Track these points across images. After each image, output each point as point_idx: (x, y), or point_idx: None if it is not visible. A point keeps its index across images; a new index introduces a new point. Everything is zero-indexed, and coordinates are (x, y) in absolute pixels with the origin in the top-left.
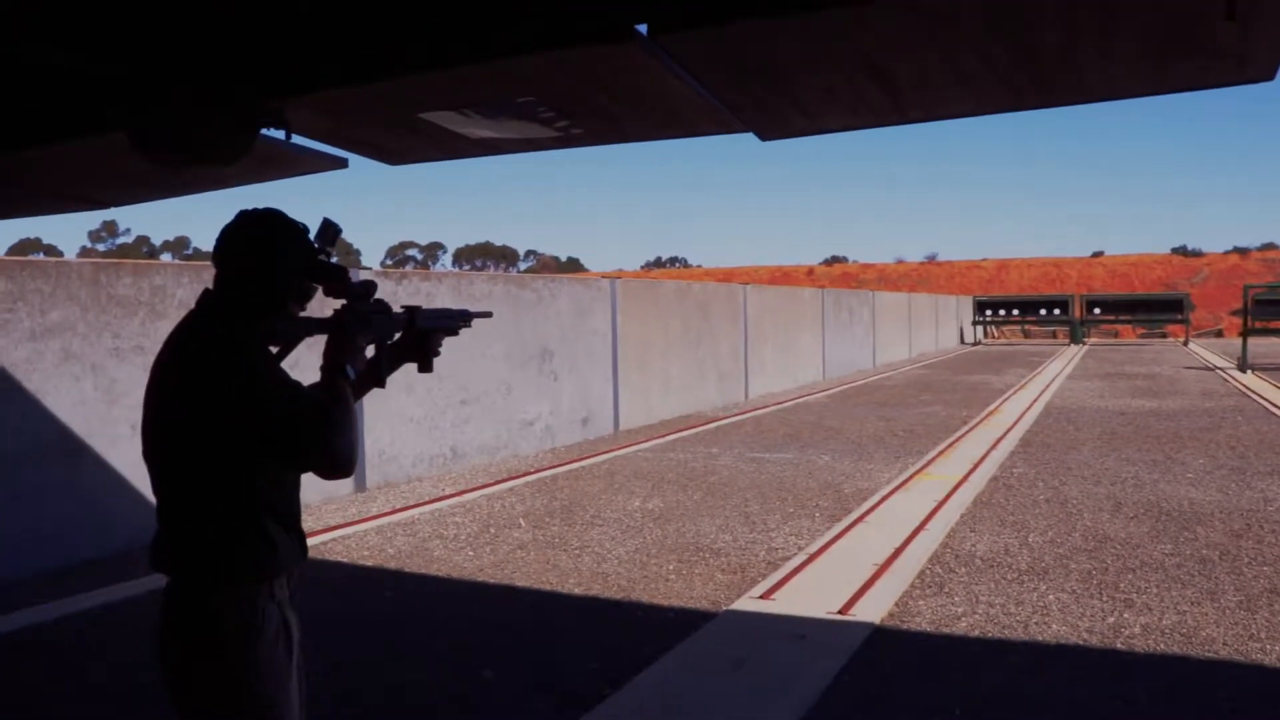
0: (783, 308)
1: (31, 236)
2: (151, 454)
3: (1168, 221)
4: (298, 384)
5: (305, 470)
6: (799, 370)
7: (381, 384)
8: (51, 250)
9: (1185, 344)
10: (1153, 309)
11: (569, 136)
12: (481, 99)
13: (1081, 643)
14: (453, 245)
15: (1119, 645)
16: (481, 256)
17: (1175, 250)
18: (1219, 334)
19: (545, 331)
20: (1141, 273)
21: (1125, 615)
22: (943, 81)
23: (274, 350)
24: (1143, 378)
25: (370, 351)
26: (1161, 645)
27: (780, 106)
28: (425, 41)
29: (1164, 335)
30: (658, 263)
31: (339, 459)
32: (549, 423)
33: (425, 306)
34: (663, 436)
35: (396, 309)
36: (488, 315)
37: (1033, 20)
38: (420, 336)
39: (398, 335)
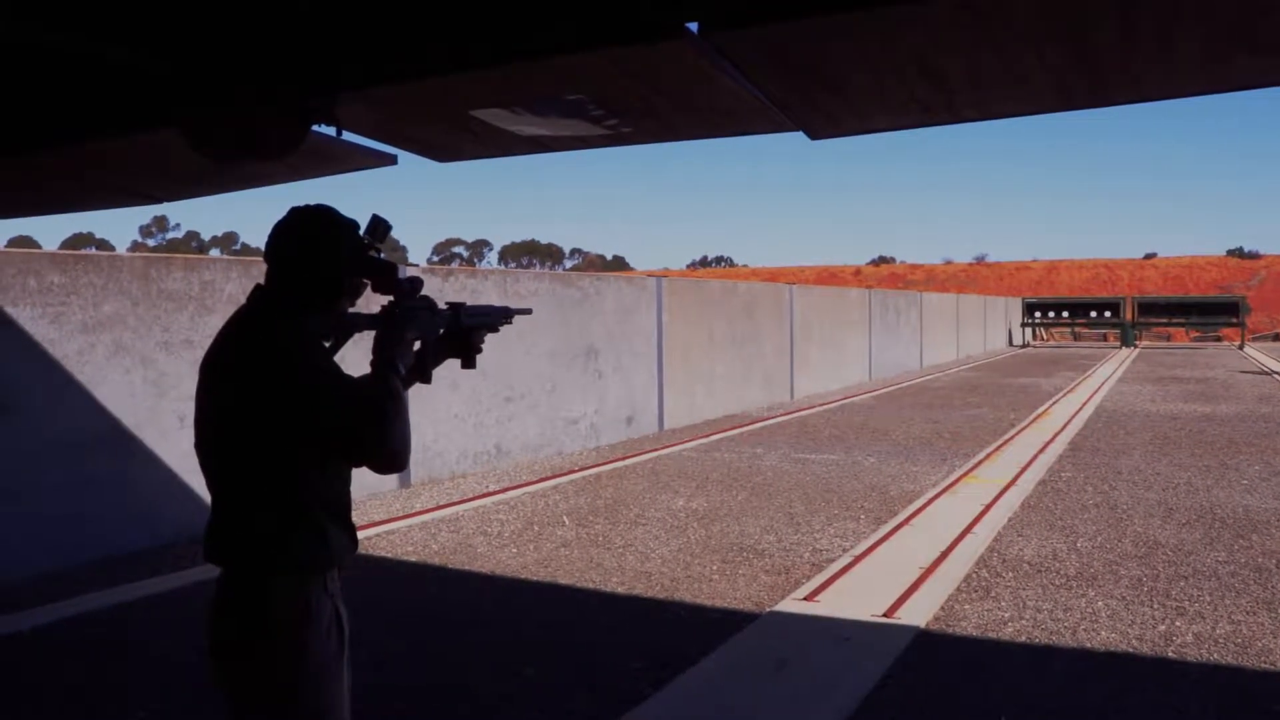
0: (829, 308)
1: (84, 231)
2: (205, 447)
3: (1223, 223)
4: (352, 378)
5: (361, 464)
6: (845, 371)
7: (427, 379)
8: (103, 245)
9: (1240, 348)
10: (1207, 312)
11: (618, 134)
12: (532, 97)
13: (1131, 650)
14: (499, 243)
15: (1170, 654)
16: (527, 254)
17: (1231, 252)
18: (1276, 338)
19: (590, 330)
20: (1195, 275)
21: (1177, 623)
22: (996, 80)
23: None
24: (1195, 382)
25: (416, 347)
26: (1215, 655)
27: (831, 105)
28: (476, 39)
29: (1218, 339)
30: (704, 262)
31: (394, 453)
32: (594, 421)
33: (472, 303)
34: (707, 436)
35: (441, 305)
36: (528, 312)
37: (1089, 19)
38: (464, 333)
39: (441, 331)
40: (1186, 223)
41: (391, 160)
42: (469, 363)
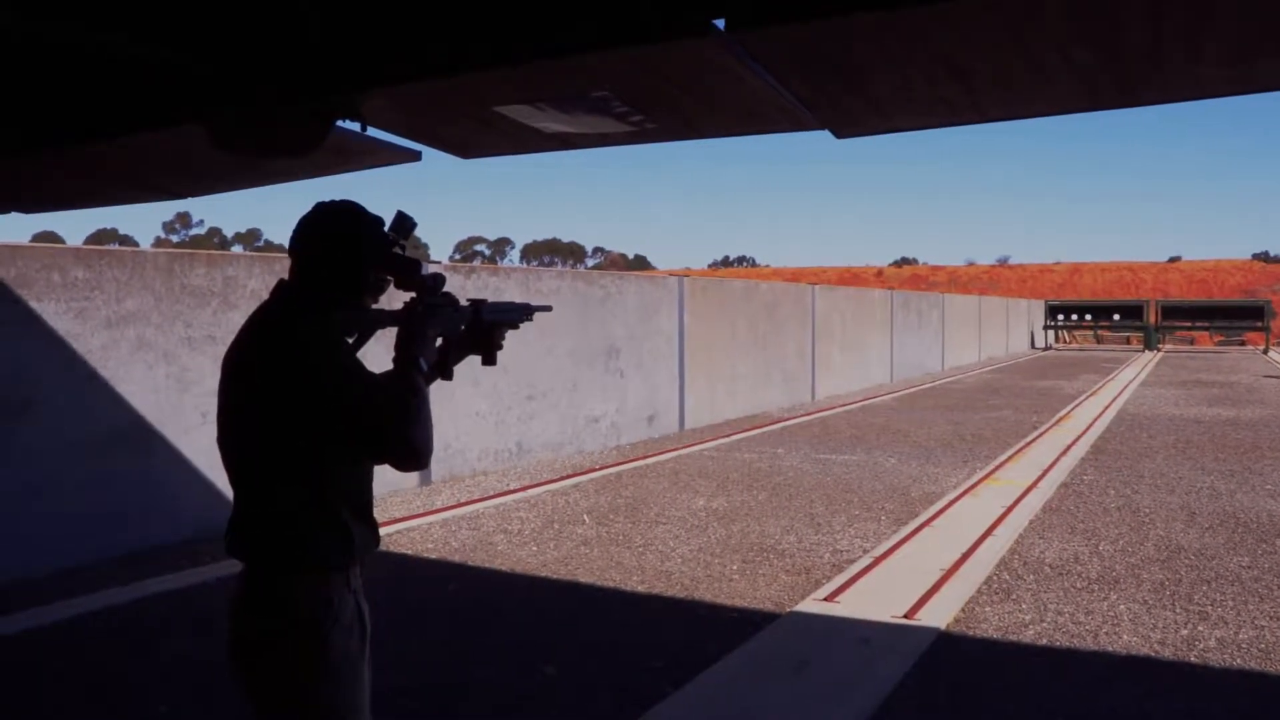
0: (851, 309)
1: (108, 227)
2: (228, 442)
3: (1249, 226)
4: (375, 375)
5: (384, 461)
6: (866, 372)
7: (448, 376)
8: (127, 240)
9: (1265, 352)
10: (1231, 316)
11: (642, 132)
12: (556, 93)
13: (1154, 654)
14: (521, 241)
15: (1193, 659)
16: (549, 253)
17: (1256, 256)
18: None
19: (612, 329)
20: (1220, 279)
21: (1200, 628)
22: (1023, 81)
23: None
24: (1220, 386)
25: (438, 344)
26: (1238, 660)
27: (857, 104)
28: (501, 36)
29: (1242, 343)
30: (725, 262)
31: (417, 450)
32: (614, 420)
33: (493, 300)
34: (728, 436)
35: (462, 302)
36: (548, 309)
37: (1119, 19)
38: (485, 330)
39: (463, 328)
40: (1211, 226)
41: (415, 156)
42: (489, 360)
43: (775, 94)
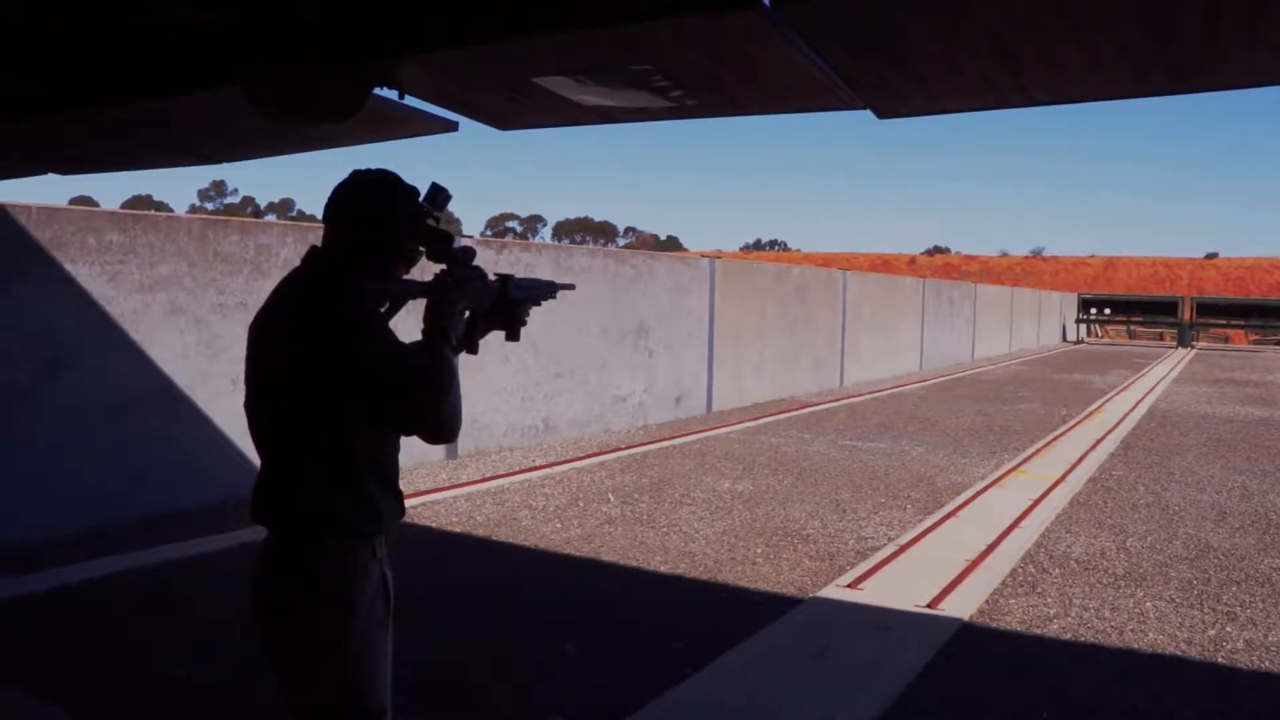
0: (882, 296)
1: (143, 193)
2: (256, 408)
3: None
4: (406, 346)
5: (413, 433)
6: (896, 359)
7: (473, 350)
8: (162, 207)
9: None
10: (1268, 314)
11: (683, 107)
12: (597, 65)
13: (1179, 654)
14: (553, 219)
15: (1220, 659)
16: (580, 231)
17: None
18: None
19: (642, 308)
20: (1258, 277)
21: (1228, 629)
22: (1073, 63)
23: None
24: (1254, 385)
25: (465, 317)
26: (1266, 663)
27: (901, 83)
28: (542, 4)
29: (1279, 343)
30: (757, 245)
31: (447, 423)
32: (642, 400)
33: (521, 276)
34: (755, 419)
35: (490, 276)
36: (571, 287)
37: (1177, 1)
38: (511, 305)
39: (489, 302)
40: (1250, 223)
41: (453, 127)
42: (514, 335)
43: (819, 71)
